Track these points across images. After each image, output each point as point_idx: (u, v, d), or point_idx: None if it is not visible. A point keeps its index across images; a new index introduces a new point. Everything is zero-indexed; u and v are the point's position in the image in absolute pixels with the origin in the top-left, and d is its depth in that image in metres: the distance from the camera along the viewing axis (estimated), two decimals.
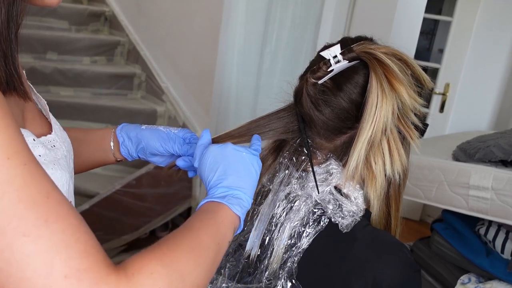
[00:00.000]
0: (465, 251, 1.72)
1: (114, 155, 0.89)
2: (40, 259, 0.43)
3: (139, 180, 2.66)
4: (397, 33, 2.22)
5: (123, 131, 0.88)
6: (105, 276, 0.46)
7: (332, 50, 0.76)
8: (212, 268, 0.61)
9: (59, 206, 0.47)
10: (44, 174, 0.49)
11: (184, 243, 0.57)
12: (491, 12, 3.19)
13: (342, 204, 0.77)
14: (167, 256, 0.53)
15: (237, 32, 2.75)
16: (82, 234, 0.47)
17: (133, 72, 3.49)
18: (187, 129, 0.88)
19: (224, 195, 0.68)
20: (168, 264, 0.52)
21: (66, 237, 0.45)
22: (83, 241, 0.47)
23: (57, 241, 0.45)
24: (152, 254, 0.52)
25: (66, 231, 0.46)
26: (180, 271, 0.53)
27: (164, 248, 0.55)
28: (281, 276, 0.74)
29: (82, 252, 0.46)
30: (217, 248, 0.61)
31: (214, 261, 0.61)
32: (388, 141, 0.77)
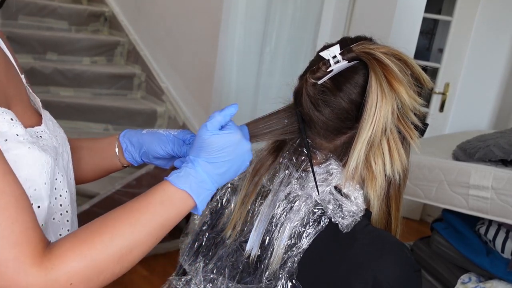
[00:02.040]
0: (465, 250, 1.72)
1: (120, 161, 0.91)
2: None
3: (139, 180, 2.66)
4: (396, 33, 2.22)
5: (125, 137, 0.89)
6: (28, 267, 0.53)
7: (331, 50, 0.76)
8: (137, 255, 0.64)
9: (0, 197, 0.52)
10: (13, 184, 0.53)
11: (107, 231, 0.62)
12: (490, 12, 3.19)
13: (342, 204, 0.77)
14: (87, 248, 0.58)
15: (237, 32, 2.75)
16: (19, 225, 0.53)
17: (133, 72, 3.49)
18: (187, 130, 0.88)
19: (181, 176, 0.69)
20: (86, 258, 0.57)
21: (1, 229, 0.51)
22: (17, 232, 0.52)
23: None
24: (74, 244, 0.58)
25: (2, 223, 0.51)
26: (98, 267, 0.59)
27: (88, 236, 0.59)
28: (282, 276, 0.74)
29: (14, 243, 0.52)
30: (145, 239, 0.65)
31: (142, 252, 0.65)
32: (388, 141, 0.77)
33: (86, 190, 2.70)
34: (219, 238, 0.85)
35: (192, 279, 0.83)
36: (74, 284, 0.56)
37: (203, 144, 0.71)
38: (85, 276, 0.58)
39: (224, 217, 0.87)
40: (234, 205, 0.86)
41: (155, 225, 0.66)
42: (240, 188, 0.86)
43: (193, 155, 0.71)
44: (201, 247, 0.87)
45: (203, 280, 0.81)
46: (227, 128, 0.73)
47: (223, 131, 0.72)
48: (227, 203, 0.88)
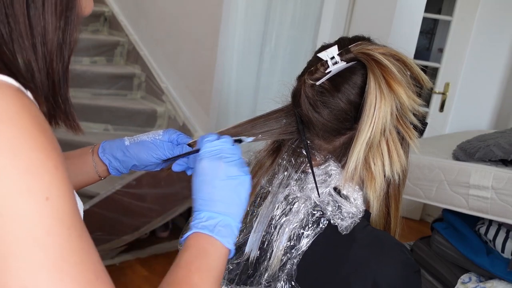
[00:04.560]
0: (466, 250, 1.72)
1: (99, 175, 0.86)
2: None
3: (139, 181, 2.66)
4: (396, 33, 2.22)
5: (106, 152, 0.85)
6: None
7: (329, 51, 0.76)
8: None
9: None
10: (90, 242, 0.49)
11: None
12: (490, 11, 3.19)
13: (341, 205, 0.77)
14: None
15: (237, 32, 2.75)
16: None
17: (132, 73, 3.49)
18: (171, 129, 0.86)
19: (213, 225, 0.65)
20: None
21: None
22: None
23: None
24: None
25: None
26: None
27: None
28: (281, 278, 0.74)
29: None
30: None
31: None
32: (387, 142, 0.77)
33: (86, 190, 2.70)
34: None
35: None
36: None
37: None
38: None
39: None
40: None
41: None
42: None
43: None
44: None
45: None
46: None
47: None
48: None
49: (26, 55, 0.49)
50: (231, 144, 0.71)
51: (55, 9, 0.50)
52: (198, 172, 0.68)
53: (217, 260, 0.64)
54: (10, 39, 0.48)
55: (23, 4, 0.48)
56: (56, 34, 0.50)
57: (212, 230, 0.64)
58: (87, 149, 0.86)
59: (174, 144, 0.84)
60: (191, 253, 0.63)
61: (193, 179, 0.69)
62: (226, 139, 0.72)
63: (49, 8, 0.49)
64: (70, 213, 0.47)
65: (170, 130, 0.85)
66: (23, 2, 0.48)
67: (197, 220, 0.66)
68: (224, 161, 0.68)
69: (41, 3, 0.49)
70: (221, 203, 0.66)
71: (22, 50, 0.49)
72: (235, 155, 0.70)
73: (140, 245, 2.89)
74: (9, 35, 0.48)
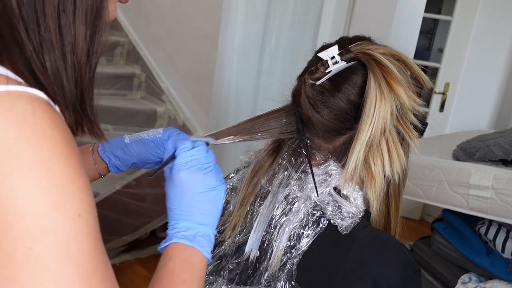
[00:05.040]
0: (466, 250, 1.72)
1: (99, 173, 0.86)
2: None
3: (139, 181, 2.66)
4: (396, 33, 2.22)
5: (106, 150, 0.85)
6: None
7: (329, 51, 0.76)
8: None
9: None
10: (107, 256, 0.50)
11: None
12: (490, 11, 3.19)
13: (341, 205, 0.77)
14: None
15: (237, 32, 2.75)
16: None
17: (132, 73, 3.49)
18: (171, 128, 0.85)
19: (192, 235, 0.66)
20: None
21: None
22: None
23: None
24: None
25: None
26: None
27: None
28: (281, 278, 0.74)
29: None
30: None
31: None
32: (387, 142, 0.77)
33: None
34: (218, 239, 0.85)
35: None
36: None
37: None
38: None
39: (223, 218, 0.87)
40: (233, 207, 0.86)
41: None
42: (239, 189, 0.86)
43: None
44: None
45: None
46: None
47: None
48: (226, 204, 0.87)
49: (56, 64, 0.49)
50: (205, 151, 0.71)
51: (85, 18, 0.50)
52: (176, 183, 0.68)
53: (200, 271, 0.65)
54: (41, 48, 0.48)
55: (54, 13, 0.48)
56: (85, 43, 0.51)
57: (192, 240, 0.65)
58: (87, 147, 0.86)
59: None
60: (175, 264, 0.64)
61: (168, 188, 0.69)
62: (201, 146, 0.71)
63: (80, 17, 0.49)
64: (96, 229, 0.48)
65: (170, 129, 0.85)
66: (55, 11, 0.48)
67: (175, 230, 0.67)
68: (202, 172, 0.68)
69: (72, 12, 0.49)
70: (199, 213, 0.67)
71: (52, 59, 0.49)
72: (210, 164, 0.70)
73: (140, 245, 2.89)
74: (39, 44, 0.48)
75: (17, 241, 0.42)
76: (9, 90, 0.45)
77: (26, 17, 0.47)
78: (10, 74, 0.47)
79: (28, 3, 0.47)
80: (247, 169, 0.87)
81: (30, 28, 0.47)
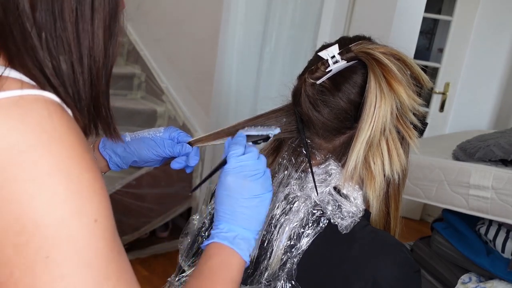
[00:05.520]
0: (466, 250, 1.72)
1: (100, 170, 0.86)
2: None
3: (139, 180, 2.66)
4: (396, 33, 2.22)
5: (107, 147, 0.85)
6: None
7: (330, 50, 0.76)
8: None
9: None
10: (126, 258, 0.51)
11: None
12: (490, 11, 3.19)
13: (342, 204, 0.77)
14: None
15: (237, 32, 2.75)
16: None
17: (132, 73, 3.49)
18: (172, 127, 0.86)
19: (232, 237, 0.68)
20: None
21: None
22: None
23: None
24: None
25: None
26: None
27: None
28: (281, 277, 0.74)
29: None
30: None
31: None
32: (387, 141, 0.77)
33: None
34: None
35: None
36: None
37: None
38: None
39: None
40: None
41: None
42: None
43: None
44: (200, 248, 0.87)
45: None
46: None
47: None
48: None
49: (72, 67, 0.50)
50: (256, 158, 0.72)
51: (103, 23, 0.50)
52: (224, 186, 0.70)
53: (237, 272, 0.67)
54: (57, 52, 0.49)
55: (72, 17, 0.48)
56: (103, 47, 0.51)
57: (231, 241, 0.67)
58: None
59: (175, 142, 0.85)
60: (215, 263, 0.66)
61: (217, 190, 0.71)
62: (252, 153, 0.72)
63: (97, 21, 0.50)
64: (114, 233, 0.49)
65: (171, 128, 0.86)
66: (73, 15, 0.48)
67: (217, 230, 0.69)
68: (249, 179, 0.70)
69: (90, 16, 0.49)
70: (242, 218, 0.69)
71: (69, 63, 0.49)
72: (259, 171, 0.71)
73: (140, 245, 2.89)
74: (56, 47, 0.48)
75: (36, 250, 0.43)
76: (23, 95, 0.45)
77: (42, 21, 0.47)
78: (24, 78, 0.47)
79: (46, 7, 0.47)
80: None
81: (47, 31, 0.47)
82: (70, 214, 0.44)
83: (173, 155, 0.84)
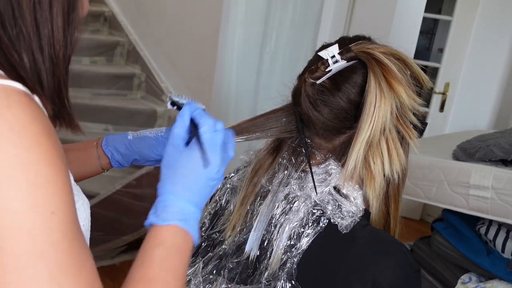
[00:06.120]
0: (466, 250, 1.72)
1: (102, 167, 0.87)
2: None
3: (140, 180, 2.66)
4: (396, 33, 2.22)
5: (109, 145, 0.85)
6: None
7: (330, 50, 0.76)
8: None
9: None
10: (88, 252, 0.49)
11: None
12: (490, 11, 3.19)
13: (341, 204, 0.77)
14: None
15: (237, 32, 2.75)
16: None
17: (132, 73, 3.49)
18: None
19: (189, 218, 0.61)
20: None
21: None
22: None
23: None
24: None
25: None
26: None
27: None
28: (281, 277, 0.74)
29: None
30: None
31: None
32: (387, 141, 0.77)
33: (86, 190, 2.68)
34: (218, 238, 0.85)
35: (191, 280, 0.82)
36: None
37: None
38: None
39: (223, 217, 0.87)
40: (233, 206, 0.86)
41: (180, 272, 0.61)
42: (240, 188, 0.86)
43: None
44: (200, 248, 0.87)
45: (202, 281, 0.81)
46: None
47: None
48: (226, 204, 0.88)
49: (33, 56, 0.50)
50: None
51: (62, 10, 0.50)
52: (190, 158, 0.65)
53: (188, 257, 0.62)
54: (18, 41, 0.48)
55: (30, 5, 0.48)
56: (62, 35, 0.51)
57: (188, 223, 0.61)
58: (92, 142, 0.87)
59: None
60: (167, 249, 0.60)
61: (178, 160, 0.66)
62: (223, 130, 0.71)
63: (56, 9, 0.50)
64: (73, 226, 0.47)
65: None
66: (30, 3, 0.48)
67: (176, 208, 0.61)
68: (220, 157, 0.66)
69: (48, 4, 0.49)
70: (199, 195, 0.64)
71: (29, 52, 0.49)
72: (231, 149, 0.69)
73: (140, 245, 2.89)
74: (16, 36, 0.48)
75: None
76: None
77: (2, 10, 0.47)
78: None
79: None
80: (247, 168, 0.87)
81: (6, 21, 0.47)
82: (27, 205, 0.44)
83: None
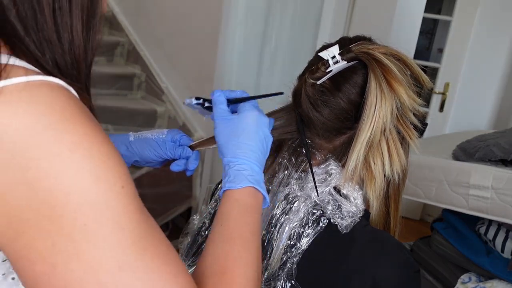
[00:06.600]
0: (465, 250, 1.72)
1: None
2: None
3: (139, 180, 2.66)
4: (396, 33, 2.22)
5: None
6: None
7: (330, 50, 0.76)
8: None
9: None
10: (155, 222, 0.52)
11: (235, 255, 0.61)
12: (490, 11, 3.19)
13: (342, 204, 0.77)
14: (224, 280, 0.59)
15: (237, 32, 2.75)
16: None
17: (133, 73, 3.49)
18: (175, 130, 0.87)
19: (259, 180, 0.69)
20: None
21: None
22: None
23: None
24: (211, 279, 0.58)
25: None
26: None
27: (220, 268, 0.60)
28: (281, 277, 0.74)
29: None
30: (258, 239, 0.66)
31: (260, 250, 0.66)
32: (387, 141, 0.77)
33: None
34: None
35: None
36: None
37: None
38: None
39: None
40: None
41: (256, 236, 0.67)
42: None
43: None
44: (201, 247, 0.87)
45: None
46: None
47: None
48: None
49: (56, 61, 0.51)
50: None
51: (81, 15, 0.51)
52: (247, 120, 0.73)
53: (262, 216, 0.69)
54: (41, 45, 0.49)
55: (50, 11, 0.49)
56: (82, 40, 0.52)
57: (260, 185, 0.69)
58: None
59: (176, 145, 0.85)
60: (243, 207, 0.67)
61: (233, 125, 0.73)
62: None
63: (75, 14, 0.51)
64: (138, 197, 0.51)
65: (174, 130, 0.86)
66: (50, 8, 0.49)
67: (248, 171, 0.69)
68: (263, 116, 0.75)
69: (67, 9, 0.50)
70: (263, 156, 0.73)
71: (52, 56, 0.50)
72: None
73: None
74: (39, 41, 0.49)
75: (73, 221, 0.45)
76: (29, 80, 0.46)
77: (24, 15, 0.48)
78: (28, 66, 0.49)
79: (26, 1, 0.48)
80: None
81: (30, 26, 0.48)
82: (98, 184, 0.46)
83: (174, 157, 0.85)
